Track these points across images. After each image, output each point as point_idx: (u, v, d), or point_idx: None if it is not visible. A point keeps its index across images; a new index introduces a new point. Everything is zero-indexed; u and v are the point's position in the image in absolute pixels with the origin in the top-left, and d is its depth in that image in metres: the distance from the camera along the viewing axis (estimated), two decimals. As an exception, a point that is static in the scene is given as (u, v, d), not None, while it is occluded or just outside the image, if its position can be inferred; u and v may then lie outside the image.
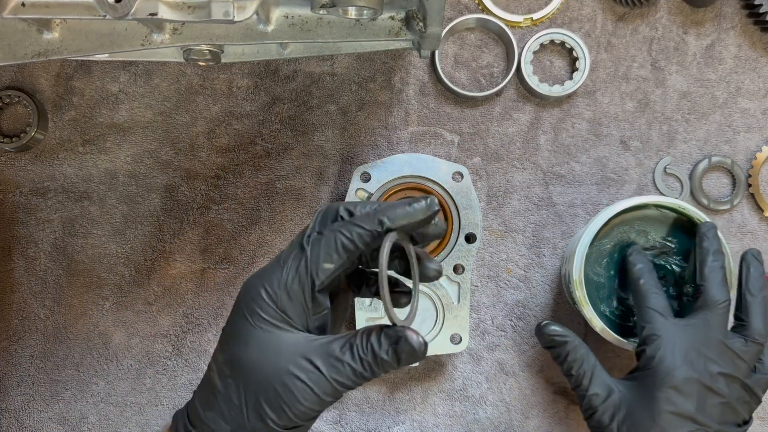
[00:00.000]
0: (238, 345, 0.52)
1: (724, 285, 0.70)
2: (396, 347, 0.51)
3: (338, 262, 0.52)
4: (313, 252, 0.52)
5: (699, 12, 0.88)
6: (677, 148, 0.89)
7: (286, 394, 0.50)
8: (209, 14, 0.59)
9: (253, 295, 0.52)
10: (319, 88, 0.89)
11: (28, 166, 0.89)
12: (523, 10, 0.88)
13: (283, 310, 0.51)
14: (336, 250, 0.52)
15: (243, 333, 0.52)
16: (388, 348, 0.51)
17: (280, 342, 0.51)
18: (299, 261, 0.52)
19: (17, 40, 0.67)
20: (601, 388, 0.68)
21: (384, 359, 0.51)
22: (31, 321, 0.89)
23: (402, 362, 0.51)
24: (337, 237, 0.52)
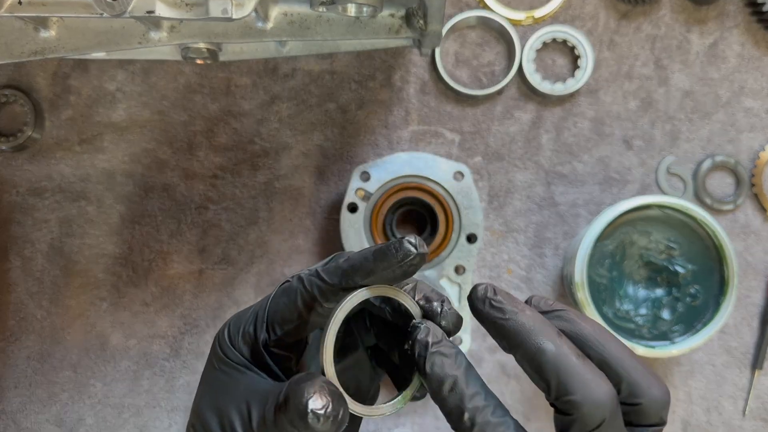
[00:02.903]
0: (201, 387, 0.48)
1: (604, 384, 0.40)
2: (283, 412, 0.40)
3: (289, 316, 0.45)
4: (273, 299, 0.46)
5: (702, 10, 0.88)
6: (680, 148, 0.88)
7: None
8: (207, 12, 0.59)
9: (220, 334, 0.48)
10: (318, 86, 0.88)
11: (25, 165, 0.89)
12: (524, 7, 0.88)
13: (241, 351, 0.46)
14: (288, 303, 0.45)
15: (206, 375, 0.48)
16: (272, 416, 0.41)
17: (236, 384, 0.45)
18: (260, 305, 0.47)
19: (14, 38, 0.66)
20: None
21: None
22: (28, 322, 0.88)
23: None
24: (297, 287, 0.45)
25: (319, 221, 0.88)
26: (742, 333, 0.88)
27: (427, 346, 0.41)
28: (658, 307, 0.79)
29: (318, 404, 0.38)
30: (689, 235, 0.78)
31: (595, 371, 0.40)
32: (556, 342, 0.40)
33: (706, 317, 0.78)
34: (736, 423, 0.87)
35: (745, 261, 0.87)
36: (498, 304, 0.42)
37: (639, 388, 0.41)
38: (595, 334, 0.42)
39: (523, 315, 0.41)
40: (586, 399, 0.39)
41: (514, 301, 0.42)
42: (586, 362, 0.41)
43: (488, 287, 0.42)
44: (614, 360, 0.41)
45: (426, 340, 0.41)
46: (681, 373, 0.88)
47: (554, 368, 0.40)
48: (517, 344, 0.41)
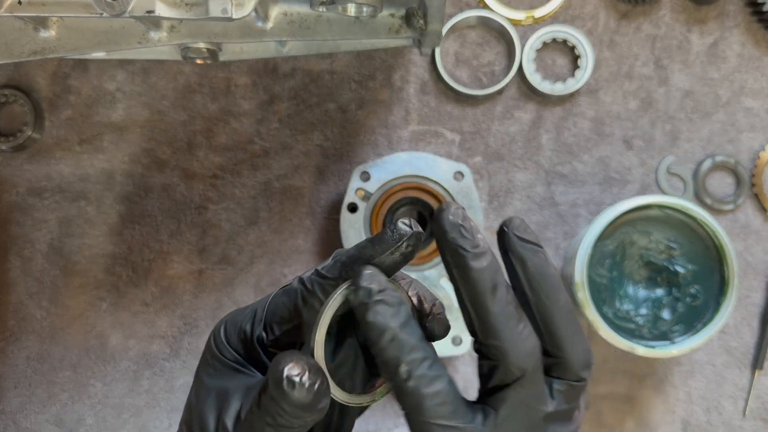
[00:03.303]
0: (194, 384, 0.47)
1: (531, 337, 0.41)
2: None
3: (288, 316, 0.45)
4: (273, 299, 0.46)
5: (702, 10, 0.88)
6: (680, 148, 0.88)
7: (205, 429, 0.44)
8: (207, 12, 0.59)
9: (216, 331, 0.48)
10: (318, 86, 0.88)
11: (25, 165, 0.89)
12: (525, 7, 0.88)
13: (236, 349, 0.46)
14: (288, 303, 0.45)
15: (200, 371, 0.47)
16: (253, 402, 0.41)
17: (230, 381, 0.45)
18: (259, 304, 0.47)
19: (14, 38, 0.66)
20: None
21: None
22: (28, 322, 0.88)
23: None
24: (297, 287, 0.45)
25: (319, 221, 0.88)
26: (742, 333, 0.87)
27: (371, 294, 0.40)
28: (659, 307, 0.79)
29: (294, 371, 0.38)
30: (689, 235, 0.78)
31: (527, 324, 0.41)
32: (503, 288, 0.41)
33: (706, 317, 0.78)
34: (736, 423, 0.87)
35: (745, 261, 0.87)
36: (466, 233, 0.41)
37: (566, 343, 0.42)
38: (554, 279, 0.42)
39: (484, 252, 0.41)
40: (511, 349, 0.40)
41: (479, 233, 0.41)
42: (522, 314, 0.41)
43: (461, 212, 0.41)
44: (557, 310, 0.42)
45: (369, 287, 0.40)
46: (681, 373, 0.88)
47: (492, 312, 0.40)
48: (467, 279, 0.40)
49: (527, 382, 0.41)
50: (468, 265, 0.40)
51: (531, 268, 0.42)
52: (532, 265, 0.42)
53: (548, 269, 0.42)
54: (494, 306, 0.40)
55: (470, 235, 0.41)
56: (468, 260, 0.40)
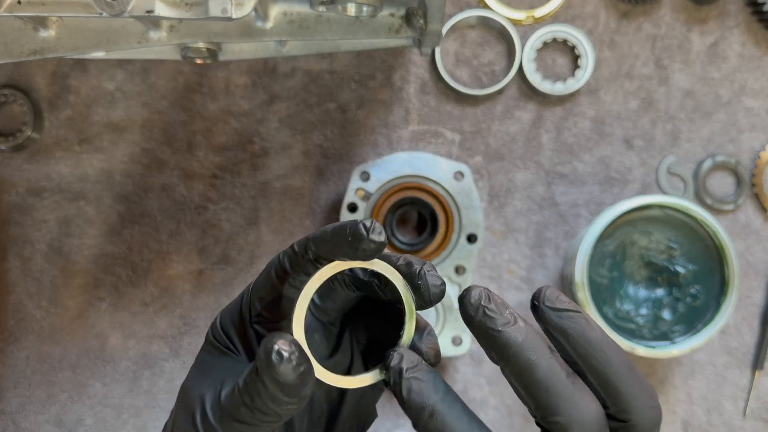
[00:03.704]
0: (190, 369, 0.47)
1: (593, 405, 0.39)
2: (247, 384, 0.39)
3: (264, 289, 0.45)
4: (257, 277, 0.46)
5: (703, 10, 0.87)
6: (681, 147, 0.88)
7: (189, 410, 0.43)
8: (207, 11, 0.58)
9: (215, 319, 0.48)
10: (318, 86, 0.88)
11: (24, 165, 0.88)
12: (525, 7, 0.87)
13: (227, 333, 0.47)
14: (265, 276, 0.45)
15: (196, 357, 0.48)
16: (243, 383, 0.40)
17: (219, 364, 0.45)
18: (247, 286, 0.47)
19: (13, 38, 0.66)
20: None
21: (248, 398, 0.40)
22: (27, 322, 0.88)
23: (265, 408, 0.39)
24: (273, 260, 0.45)
25: (318, 221, 0.88)
26: (742, 333, 0.87)
27: (401, 373, 0.39)
28: (659, 307, 0.79)
29: (285, 347, 0.38)
30: (690, 235, 0.78)
31: (584, 390, 0.39)
32: (547, 359, 0.38)
33: (706, 317, 0.78)
34: (737, 423, 0.87)
35: (745, 261, 0.87)
36: (491, 313, 0.39)
37: (631, 405, 0.39)
38: (600, 342, 0.39)
39: (516, 328, 0.38)
40: (572, 421, 0.38)
41: (507, 309, 0.39)
42: (576, 381, 0.39)
43: (482, 293, 0.39)
44: (612, 373, 0.39)
45: (399, 366, 0.39)
46: (681, 373, 0.87)
47: (543, 387, 0.38)
48: (507, 358, 0.38)
49: None
50: (503, 345, 0.38)
51: (574, 336, 0.39)
52: (574, 333, 0.39)
53: (592, 333, 0.39)
54: (542, 380, 0.38)
55: (497, 314, 0.39)
56: (502, 340, 0.38)
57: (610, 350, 0.39)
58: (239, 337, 0.46)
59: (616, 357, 0.39)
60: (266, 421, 0.40)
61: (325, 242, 0.42)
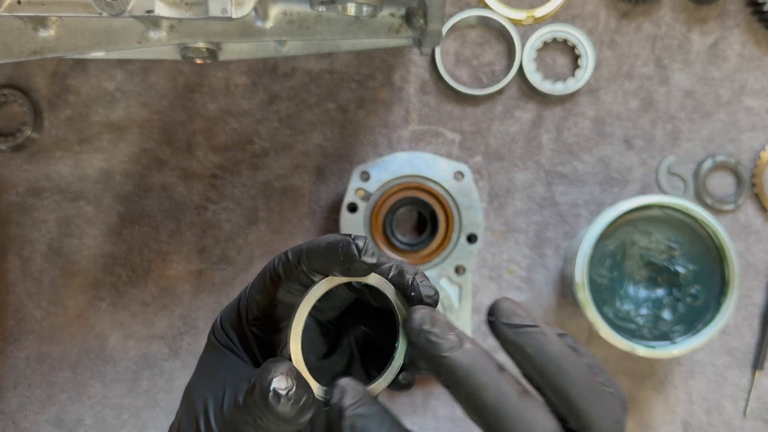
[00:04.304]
0: (194, 371, 0.48)
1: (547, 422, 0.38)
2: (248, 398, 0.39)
3: (260, 293, 0.45)
4: (254, 280, 0.46)
5: (703, 9, 0.87)
6: (681, 147, 0.88)
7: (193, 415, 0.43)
8: (207, 11, 0.58)
9: (216, 319, 0.48)
10: (317, 86, 0.88)
11: (24, 165, 0.88)
12: (525, 6, 0.87)
13: (227, 333, 0.46)
14: (260, 281, 0.45)
15: (199, 359, 0.48)
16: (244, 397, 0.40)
17: (219, 367, 0.45)
18: (245, 287, 0.47)
19: (13, 38, 0.66)
20: None
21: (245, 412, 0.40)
22: (27, 322, 0.88)
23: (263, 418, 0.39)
24: (268, 265, 0.45)
25: (318, 221, 0.88)
26: (742, 333, 0.87)
27: (342, 410, 0.38)
28: (659, 307, 0.79)
29: (281, 384, 0.38)
30: (690, 236, 0.78)
31: (538, 408, 0.37)
32: (496, 380, 0.37)
33: (706, 317, 0.78)
34: (737, 424, 0.87)
35: (746, 261, 0.87)
36: (435, 339, 0.37)
37: (591, 420, 0.38)
38: (558, 358, 0.38)
39: (462, 351, 0.37)
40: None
41: (452, 331, 0.38)
42: (529, 399, 0.37)
43: (425, 316, 0.38)
44: (571, 389, 0.38)
45: (340, 404, 0.38)
46: (682, 373, 0.87)
47: (492, 410, 0.37)
48: (454, 383, 0.37)
49: None
50: (448, 369, 0.37)
51: (530, 353, 0.38)
52: (531, 350, 0.38)
53: (549, 347, 0.38)
54: (493, 403, 0.37)
55: (441, 338, 0.38)
56: (447, 364, 0.37)
57: (568, 365, 0.38)
58: (238, 337, 0.46)
59: (575, 371, 0.38)
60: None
61: (318, 257, 0.42)
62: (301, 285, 0.43)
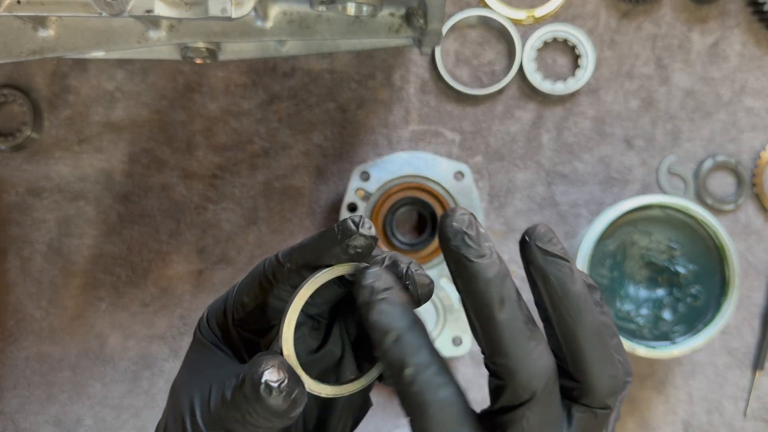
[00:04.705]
0: (180, 368, 0.47)
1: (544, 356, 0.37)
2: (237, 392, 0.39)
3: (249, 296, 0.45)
4: (242, 279, 0.46)
5: (703, 9, 0.87)
6: (681, 147, 0.88)
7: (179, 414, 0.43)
8: (206, 11, 0.58)
9: (201, 316, 0.48)
10: (317, 85, 0.88)
11: (23, 165, 0.88)
12: (525, 6, 0.87)
13: (213, 331, 0.46)
14: (250, 283, 0.45)
15: (185, 355, 0.48)
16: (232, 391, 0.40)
17: (205, 363, 0.45)
18: (233, 285, 0.46)
19: (13, 38, 0.66)
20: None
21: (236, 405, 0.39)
22: (27, 322, 0.88)
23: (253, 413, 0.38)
24: (259, 267, 0.45)
25: (318, 221, 0.88)
26: (743, 333, 0.87)
27: (373, 292, 0.37)
28: (659, 307, 0.79)
29: (273, 376, 0.37)
30: (690, 236, 0.78)
31: (539, 340, 0.37)
32: (512, 301, 0.37)
33: (707, 317, 0.78)
34: (738, 424, 0.87)
35: (746, 261, 0.87)
36: (469, 241, 0.36)
37: (589, 368, 0.38)
38: (578, 298, 0.38)
39: (490, 262, 0.37)
40: (520, 367, 0.36)
41: (487, 242, 0.37)
42: (535, 330, 0.37)
43: (467, 218, 0.37)
44: (579, 331, 0.38)
45: (372, 285, 0.37)
46: (682, 373, 0.87)
47: (499, 327, 0.36)
48: (472, 290, 0.37)
49: (537, 405, 0.37)
50: (472, 276, 0.36)
51: (553, 283, 0.38)
52: (555, 281, 0.38)
53: (573, 286, 0.38)
54: (501, 320, 0.36)
55: (475, 243, 0.37)
56: (472, 270, 0.36)
57: (585, 308, 0.38)
58: (223, 335, 0.46)
59: (589, 317, 0.38)
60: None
61: (312, 247, 0.41)
62: (291, 287, 0.43)
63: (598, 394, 0.38)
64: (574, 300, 0.38)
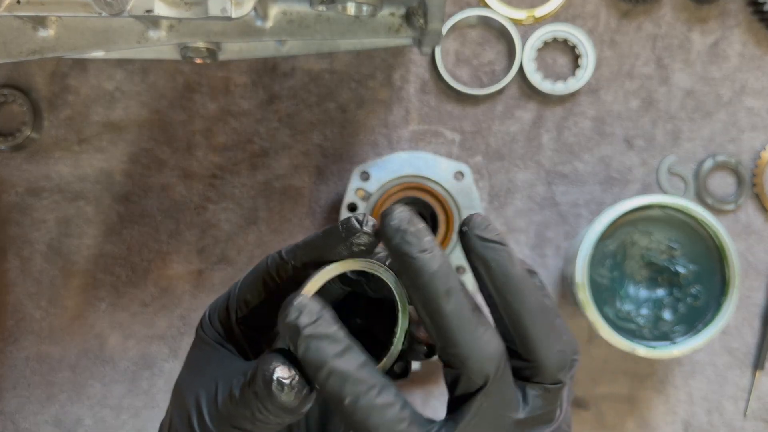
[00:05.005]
0: (183, 367, 0.47)
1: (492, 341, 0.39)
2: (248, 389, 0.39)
3: (252, 293, 0.45)
4: (245, 276, 0.46)
5: (703, 9, 0.87)
6: (681, 147, 0.88)
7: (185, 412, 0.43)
8: (206, 11, 0.58)
9: (203, 314, 0.48)
10: (317, 85, 0.88)
11: (23, 165, 0.88)
12: (525, 6, 0.87)
13: (216, 329, 0.46)
14: (253, 280, 0.45)
15: (187, 354, 0.48)
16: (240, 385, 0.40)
17: (209, 362, 0.45)
18: (235, 283, 0.47)
19: (12, 37, 0.66)
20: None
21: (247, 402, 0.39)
22: (26, 322, 0.88)
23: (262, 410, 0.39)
24: (262, 265, 0.45)
25: (318, 221, 0.88)
26: (743, 333, 0.87)
27: (298, 330, 0.37)
28: (660, 307, 0.79)
29: (284, 373, 0.38)
30: (691, 236, 0.78)
31: (487, 325, 0.39)
32: (457, 291, 0.38)
33: (707, 318, 0.78)
34: (738, 424, 0.87)
35: (746, 261, 0.87)
36: (410, 238, 0.38)
37: (536, 346, 0.39)
38: (518, 280, 0.39)
39: (432, 256, 0.38)
40: (471, 354, 0.38)
41: (426, 236, 0.38)
42: (481, 316, 0.39)
43: (405, 216, 0.38)
44: (524, 312, 0.39)
45: (297, 321, 0.37)
46: (682, 373, 0.87)
47: (446, 318, 0.38)
48: (417, 284, 0.38)
49: (492, 388, 0.38)
50: (417, 271, 0.38)
51: (494, 268, 0.39)
52: (495, 266, 0.39)
53: (512, 269, 0.39)
54: (448, 311, 0.38)
55: (415, 239, 0.38)
56: (416, 266, 0.38)
57: (527, 289, 0.40)
58: (226, 332, 0.46)
59: (531, 297, 0.40)
60: (266, 430, 0.40)
61: (316, 244, 0.42)
62: (296, 284, 0.43)
63: (548, 370, 0.40)
64: (515, 281, 0.39)
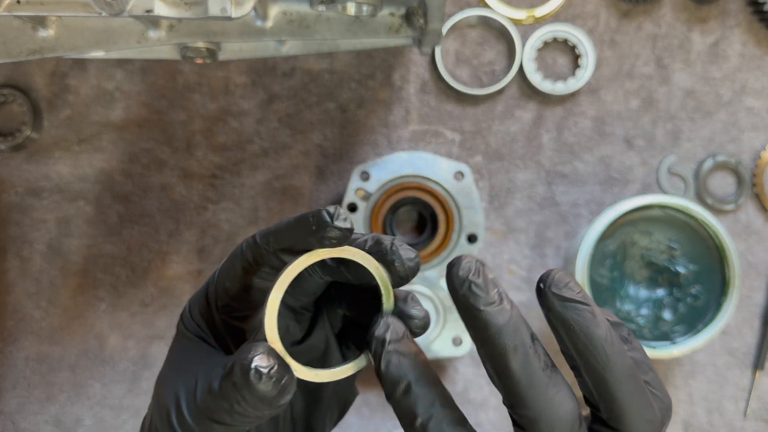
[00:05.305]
0: (165, 362, 0.46)
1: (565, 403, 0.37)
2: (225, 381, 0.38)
3: (230, 280, 0.44)
4: (221, 265, 0.45)
5: (703, 9, 0.87)
6: (681, 147, 0.88)
7: (164, 408, 0.42)
8: (206, 11, 0.58)
9: (184, 306, 0.47)
10: (317, 85, 0.88)
11: (23, 165, 0.88)
12: (525, 6, 0.87)
13: (197, 322, 0.45)
14: (230, 267, 0.44)
15: (169, 351, 0.47)
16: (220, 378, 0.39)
17: (190, 356, 0.44)
18: (213, 273, 0.45)
19: (12, 37, 0.66)
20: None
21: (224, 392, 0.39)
22: (26, 322, 0.88)
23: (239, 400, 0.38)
24: (237, 250, 0.43)
25: (318, 221, 0.88)
26: (743, 333, 0.87)
27: (384, 344, 0.38)
28: (660, 307, 0.79)
29: (263, 363, 0.37)
30: (691, 236, 0.78)
31: (560, 386, 0.36)
32: (526, 348, 0.36)
33: (707, 318, 0.78)
34: (738, 424, 0.87)
35: (746, 261, 0.87)
36: (477, 290, 0.36)
37: (624, 414, 0.37)
38: (603, 342, 0.36)
39: (500, 309, 0.36)
40: (541, 417, 0.35)
41: (495, 288, 0.36)
42: (554, 375, 0.36)
43: (473, 266, 0.36)
44: (610, 377, 0.36)
45: (383, 336, 0.38)
46: (682, 373, 0.87)
47: (515, 376, 0.36)
48: (484, 339, 0.36)
49: None
50: (483, 324, 0.36)
51: (575, 330, 0.36)
52: (577, 327, 0.36)
53: (596, 330, 0.36)
54: (516, 369, 0.35)
55: (483, 291, 0.36)
56: (483, 319, 0.36)
57: (612, 352, 0.36)
58: (208, 325, 0.45)
59: (618, 360, 0.36)
60: (246, 423, 0.39)
61: (288, 233, 0.41)
62: (272, 268, 0.42)
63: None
64: (599, 345, 0.36)
